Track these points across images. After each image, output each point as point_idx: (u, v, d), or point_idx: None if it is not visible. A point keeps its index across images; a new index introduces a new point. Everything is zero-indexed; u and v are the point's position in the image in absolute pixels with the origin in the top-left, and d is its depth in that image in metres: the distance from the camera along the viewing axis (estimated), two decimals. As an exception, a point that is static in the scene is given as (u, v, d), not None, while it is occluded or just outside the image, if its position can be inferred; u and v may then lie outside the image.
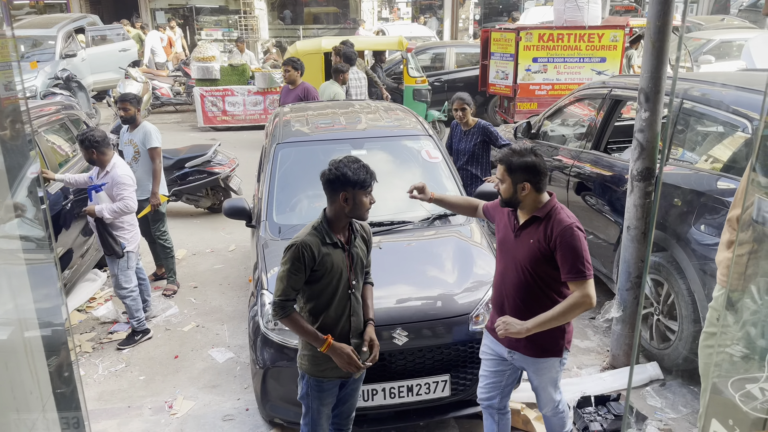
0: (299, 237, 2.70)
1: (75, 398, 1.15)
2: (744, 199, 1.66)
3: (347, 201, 2.71)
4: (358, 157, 2.79)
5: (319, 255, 2.67)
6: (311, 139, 4.72)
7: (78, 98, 12.09)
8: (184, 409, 4.04)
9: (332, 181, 2.71)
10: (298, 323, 2.73)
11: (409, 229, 4.08)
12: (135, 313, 4.80)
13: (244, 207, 4.21)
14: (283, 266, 2.68)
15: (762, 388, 1.37)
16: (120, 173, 4.65)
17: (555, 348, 2.94)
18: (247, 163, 8.14)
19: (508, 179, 2.83)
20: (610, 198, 4.87)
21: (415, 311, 3.43)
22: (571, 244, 2.71)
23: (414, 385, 3.33)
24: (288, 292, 2.69)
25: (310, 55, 9.96)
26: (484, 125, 5.48)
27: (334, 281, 2.74)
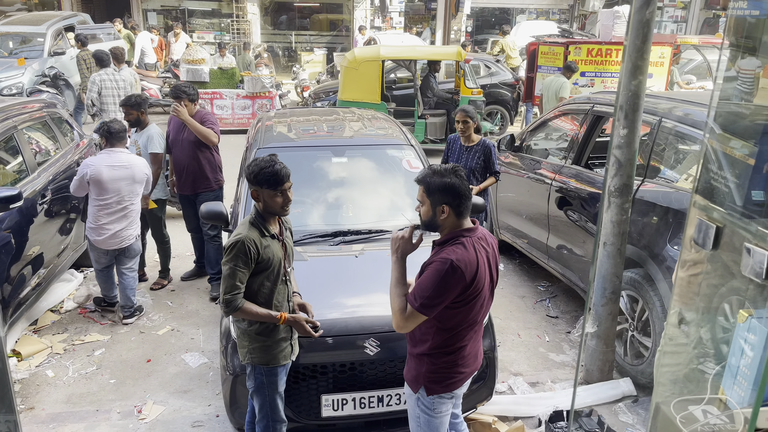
0: (241, 233, 2.83)
1: (8, 400, 1.13)
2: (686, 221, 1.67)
3: (258, 198, 2.88)
4: (275, 158, 2.90)
5: (261, 247, 2.83)
6: (292, 144, 4.70)
7: (65, 96, 12.00)
8: (154, 414, 3.98)
9: (247, 179, 2.90)
10: (251, 310, 2.84)
11: (387, 238, 4.05)
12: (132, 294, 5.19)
13: (222, 211, 4.18)
14: (229, 263, 2.79)
15: (704, 410, 1.36)
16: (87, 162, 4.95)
17: (411, 380, 2.77)
18: (233, 167, 8.09)
19: (427, 201, 2.59)
20: (589, 213, 4.89)
21: (387, 321, 3.39)
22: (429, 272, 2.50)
23: (384, 395, 3.31)
24: (236, 287, 2.80)
25: (368, 63, 9.77)
26: (489, 144, 5.31)
27: (274, 271, 2.90)
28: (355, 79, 9.82)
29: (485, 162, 5.29)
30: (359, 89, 9.79)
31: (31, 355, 4.63)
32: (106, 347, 4.78)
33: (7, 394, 1.11)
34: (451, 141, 5.46)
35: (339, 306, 3.52)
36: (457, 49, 10.56)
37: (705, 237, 1.58)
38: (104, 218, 4.85)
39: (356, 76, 9.81)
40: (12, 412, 1.13)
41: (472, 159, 5.28)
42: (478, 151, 5.27)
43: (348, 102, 9.71)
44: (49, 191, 5.15)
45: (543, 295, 5.80)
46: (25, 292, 4.63)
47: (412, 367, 2.77)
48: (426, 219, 2.63)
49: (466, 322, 2.62)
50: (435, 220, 2.60)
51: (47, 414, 3.99)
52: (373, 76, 9.76)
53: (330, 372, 3.27)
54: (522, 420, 3.90)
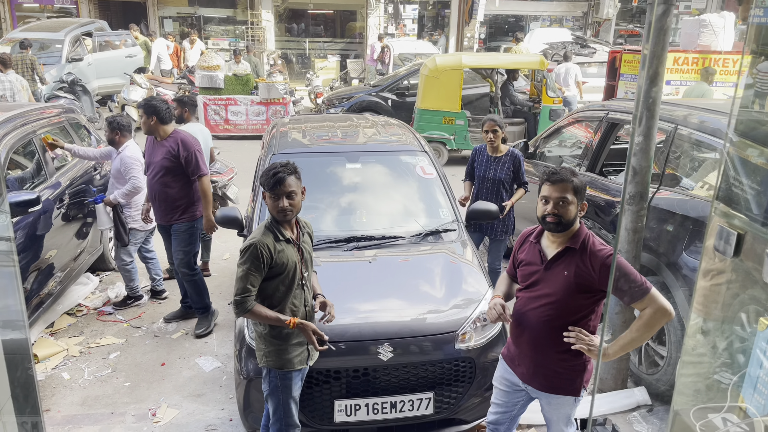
0: (255, 237, 2.87)
1: (33, 402, 1.14)
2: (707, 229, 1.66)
3: (264, 200, 2.96)
4: (286, 164, 2.95)
5: (275, 252, 2.86)
6: (307, 150, 4.74)
7: (82, 102, 12.16)
8: (168, 417, 4.01)
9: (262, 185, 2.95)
10: (261, 312, 2.87)
11: (401, 244, 4.07)
12: (129, 282, 5.44)
13: (237, 216, 4.21)
14: (242, 266, 2.83)
15: (724, 419, 1.35)
16: (127, 155, 5.15)
17: (571, 387, 2.82)
18: (246, 173, 8.14)
19: (575, 200, 2.68)
20: (604, 220, 4.87)
21: (401, 327, 3.41)
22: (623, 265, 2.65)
23: (397, 401, 3.30)
24: (248, 290, 2.83)
25: (449, 72, 9.70)
26: (518, 155, 5.08)
27: (289, 275, 2.92)
28: (436, 87, 9.75)
29: (514, 173, 5.06)
30: (439, 98, 9.74)
31: (48, 358, 4.67)
32: (121, 350, 4.82)
33: (32, 395, 1.13)
34: (477, 152, 5.20)
35: (352, 311, 3.52)
36: (539, 58, 10.46)
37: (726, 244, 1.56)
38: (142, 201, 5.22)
39: (437, 85, 9.74)
40: (37, 413, 1.15)
41: (501, 170, 5.03)
42: (506, 162, 5.04)
43: (428, 111, 9.71)
44: (67, 196, 5.22)
45: (556, 303, 5.76)
46: (42, 295, 4.69)
47: (564, 374, 2.78)
48: (570, 218, 2.69)
49: None
50: (575, 219, 2.72)
51: (63, 416, 4.02)
52: (454, 85, 9.73)
53: (343, 377, 3.28)
54: (535, 428, 3.88)
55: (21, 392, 1.06)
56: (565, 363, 2.77)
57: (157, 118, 4.72)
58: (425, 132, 9.63)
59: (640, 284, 2.60)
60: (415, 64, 13.62)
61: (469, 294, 3.69)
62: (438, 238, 4.19)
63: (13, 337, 1.10)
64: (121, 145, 5.20)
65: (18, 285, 1.20)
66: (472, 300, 3.63)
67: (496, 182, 5.02)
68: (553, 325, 2.72)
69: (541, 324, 2.74)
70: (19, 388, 1.05)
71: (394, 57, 15.77)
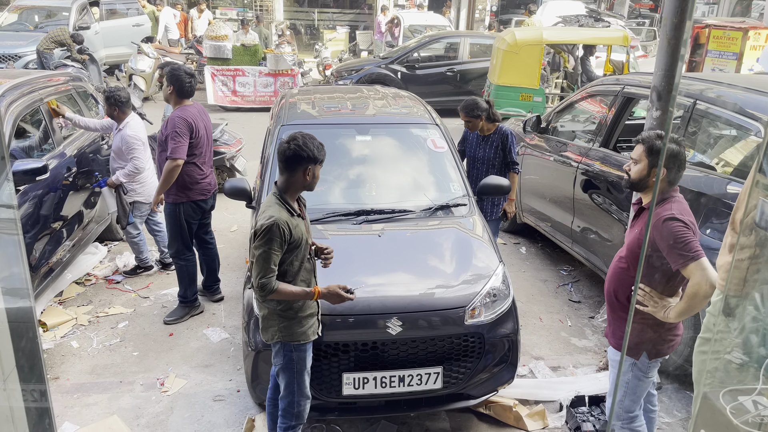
0: (272, 215, 2.79)
1: (39, 371, 1.12)
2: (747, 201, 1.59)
3: (307, 175, 2.89)
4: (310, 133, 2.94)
5: (292, 227, 2.82)
6: (316, 122, 4.67)
7: (89, 71, 12.06)
8: (176, 387, 4.02)
9: (299, 157, 2.85)
10: (287, 290, 2.83)
11: (410, 218, 4.02)
12: (138, 254, 5.53)
13: (245, 187, 4.17)
14: (263, 246, 2.76)
15: (755, 401, 1.31)
16: (129, 133, 5.04)
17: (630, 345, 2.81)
18: (254, 145, 8.09)
19: (645, 161, 2.77)
20: (616, 196, 4.80)
21: (410, 301, 3.39)
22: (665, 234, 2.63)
23: (406, 375, 3.29)
24: (270, 270, 2.78)
25: (529, 47, 9.32)
26: (507, 131, 4.85)
27: (302, 250, 2.89)
28: (515, 63, 9.39)
29: (503, 152, 4.86)
30: (518, 74, 9.39)
31: (57, 326, 4.69)
32: (129, 320, 4.83)
33: (38, 364, 1.11)
34: (467, 131, 5.02)
35: (361, 285, 3.48)
36: (623, 33, 10.17)
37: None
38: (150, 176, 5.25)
39: (516, 60, 9.38)
40: (42, 382, 1.13)
41: (490, 149, 4.85)
42: (495, 141, 4.83)
43: (505, 87, 9.40)
44: (74, 164, 5.19)
45: (565, 280, 5.73)
46: (51, 264, 4.69)
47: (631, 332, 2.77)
48: (636, 177, 2.79)
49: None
50: (646, 181, 2.78)
51: (72, 384, 4.05)
52: (534, 61, 9.35)
53: (352, 351, 3.26)
54: (543, 404, 3.88)
55: (26, 362, 1.04)
56: None
57: (174, 88, 4.55)
58: (501, 108, 9.32)
59: (687, 251, 2.58)
60: (425, 36, 13.43)
61: (479, 269, 3.65)
62: (448, 212, 4.14)
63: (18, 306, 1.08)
64: (121, 121, 5.07)
65: (22, 253, 1.16)
66: (482, 275, 3.59)
67: (486, 162, 4.87)
68: (622, 281, 2.80)
69: (612, 280, 2.84)
70: (24, 358, 1.03)
71: (404, 29, 15.53)
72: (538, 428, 3.71)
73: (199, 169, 4.68)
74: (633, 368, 2.83)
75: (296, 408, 3.01)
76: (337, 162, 4.38)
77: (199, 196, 4.72)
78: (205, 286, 5.16)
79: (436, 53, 12.75)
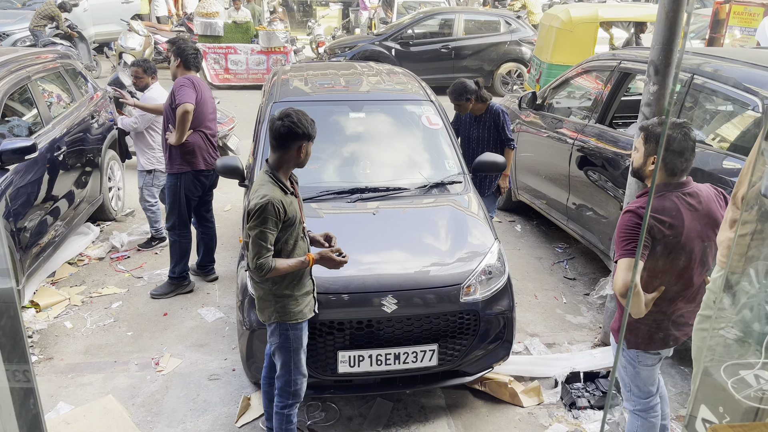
0: (266, 194, 2.74)
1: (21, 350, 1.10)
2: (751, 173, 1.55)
3: (300, 152, 2.85)
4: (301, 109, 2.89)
5: (286, 205, 2.78)
6: (309, 99, 4.60)
7: (78, 49, 11.89)
8: (171, 366, 4.01)
9: (293, 134, 2.79)
10: (284, 265, 2.80)
11: (405, 196, 3.99)
12: (154, 223, 5.62)
13: (237, 165, 4.12)
14: (258, 227, 2.72)
15: (757, 375, 1.30)
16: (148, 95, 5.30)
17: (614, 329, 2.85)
18: (247, 123, 8.01)
19: (642, 148, 2.71)
20: (612, 173, 4.77)
21: (405, 279, 3.37)
22: (619, 225, 2.61)
23: (401, 353, 3.28)
24: (266, 249, 2.75)
25: (584, 25, 9.05)
26: (498, 110, 4.79)
27: (296, 228, 2.86)
28: (569, 41, 9.13)
29: (497, 130, 4.81)
30: (572, 52, 9.05)
31: (50, 307, 4.66)
32: (123, 300, 4.81)
33: (20, 343, 1.08)
34: None
35: (356, 263, 3.46)
36: None
37: None
38: None
39: (570, 39, 9.13)
40: (26, 361, 1.10)
41: (483, 129, 4.81)
42: (487, 120, 4.79)
43: (559, 66, 9.07)
44: (65, 143, 5.11)
45: (560, 257, 5.73)
46: (42, 244, 4.65)
47: (617, 318, 2.89)
48: (635, 166, 2.76)
49: (672, 280, 2.61)
50: (643, 170, 2.71)
51: (66, 364, 4.03)
52: (589, 39, 9.08)
53: (347, 329, 3.25)
54: (538, 380, 3.89)
55: (8, 341, 1.01)
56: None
57: (181, 60, 4.64)
58: None
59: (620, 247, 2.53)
60: (419, 12, 13.27)
61: (474, 247, 3.63)
62: (443, 190, 4.11)
63: (-2, 284, 1.05)
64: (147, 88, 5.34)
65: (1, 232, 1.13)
66: (478, 253, 3.57)
67: (481, 142, 4.82)
68: None
69: None
70: (5, 337, 1.00)
71: (398, 5, 15.33)
72: (533, 404, 3.72)
73: (205, 140, 4.70)
74: (623, 353, 2.83)
75: (293, 387, 3.00)
76: (331, 139, 4.33)
77: (202, 165, 4.70)
78: (200, 265, 5.13)
79: (431, 30, 12.61)
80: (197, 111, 4.53)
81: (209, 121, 4.73)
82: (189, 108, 4.44)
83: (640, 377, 2.83)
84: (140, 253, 5.59)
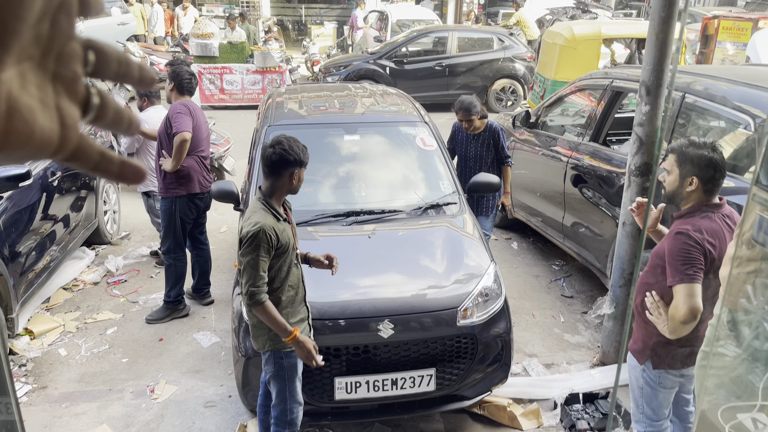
0: (258, 221, 2.74)
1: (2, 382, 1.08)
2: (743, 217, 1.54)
3: (292, 179, 2.83)
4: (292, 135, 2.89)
5: (279, 232, 2.76)
6: (304, 122, 4.61)
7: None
8: (166, 393, 3.97)
9: (284, 161, 2.78)
10: (271, 313, 2.74)
11: (400, 218, 3.98)
12: None
13: (232, 190, 4.11)
14: (250, 254, 2.71)
15: (754, 419, 1.28)
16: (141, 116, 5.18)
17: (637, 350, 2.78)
18: (242, 143, 8.03)
19: (676, 171, 2.59)
20: (607, 191, 4.78)
21: (402, 303, 3.35)
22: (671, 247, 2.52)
23: (399, 378, 3.26)
24: (260, 277, 2.72)
25: (587, 41, 9.13)
26: (497, 128, 4.77)
27: (289, 255, 2.84)
28: (573, 58, 9.24)
29: (495, 148, 4.78)
30: (576, 69, 8.98)
31: (44, 334, 4.62)
32: (118, 326, 4.77)
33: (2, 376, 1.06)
34: (457, 129, 4.89)
35: (352, 287, 3.45)
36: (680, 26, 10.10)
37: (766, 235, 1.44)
38: None
39: (573, 55, 9.24)
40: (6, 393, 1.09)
41: (481, 147, 4.76)
42: (485, 138, 4.75)
43: (563, 82, 9.14)
44: (59, 168, 5.10)
45: (557, 275, 5.72)
46: (37, 270, 4.62)
47: (639, 338, 2.78)
48: (670, 189, 2.64)
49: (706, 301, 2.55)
50: (680, 192, 2.61)
51: (60, 393, 3.99)
52: (592, 56, 9.19)
53: (343, 355, 3.22)
54: (537, 402, 3.86)
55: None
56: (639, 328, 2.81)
57: (175, 84, 4.61)
58: None
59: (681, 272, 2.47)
60: (413, 31, 13.35)
61: (470, 268, 3.62)
62: (439, 211, 4.10)
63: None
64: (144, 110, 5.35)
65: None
66: (474, 275, 3.56)
67: (479, 160, 4.78)
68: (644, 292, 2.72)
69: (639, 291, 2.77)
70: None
71: (392, 23, 15.44)
72: (532, 427, 3.69)
73: (199, 163, 4.71)
74: (643, 374, 2.78)
75: (289, 415, 2.97)
76: (326, 162, 4.33)
77: (197, 188, 4.70)
78: (195, 288, 5.11)
79: (425, 48, 12.69)
80: (193, 137, 4.54)
81: (204, 145, 4.75)
82: (187, 137, 4.45)
83: (657, 399, 2.80)
84: (139, 275, 5.54)
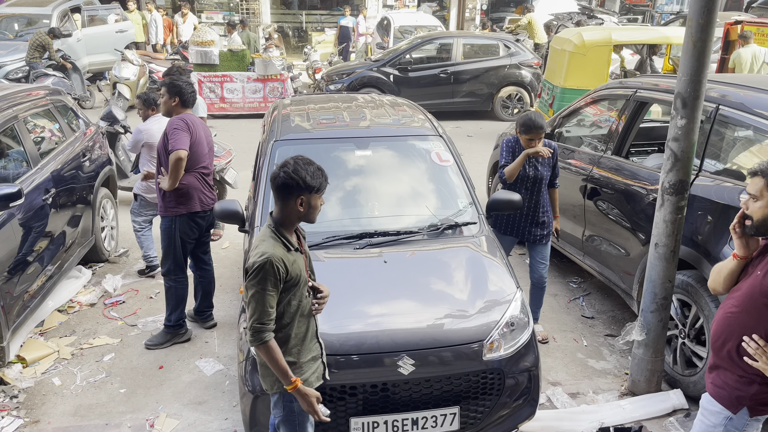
0: (265, 251, 2.48)
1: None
2: None
3: (302, 205, 2.57)
4: (310, 158, 2.62)
5: (289, 264, 2.50)
6: (312, 136, 4.35)
7: (72, 80, 11.68)
8: (167, 428, 3.71)
9: (288, 186, 2.53)
10: (274, 355, 2.49)
11: (417, 240, 3.72)
12: (145, 251, 5.52)
13: (237, 210, 3.86)
14: (257, 286, 2.45)
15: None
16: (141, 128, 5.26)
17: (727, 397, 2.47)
18: (244, 154, 7.79)
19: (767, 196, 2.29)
20: (632, 208, 4.52)
21: (423, 336, 3.09)
22: None
23: (420, 417, 3.00)
24: (267, 313, 2.47)
25: (598, 48, 8.91)
26: (554, 147, 4.38)
27: (300, 289, 2.58)
28: (583, 65, 9.00)
29: (552, 168, 4.39)
30: (586, 76, 8.92)
31: (37, 361, 4.36)
32: (116, 351, 4.51)
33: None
34: (512, 142, 4.33)
35: (367, 318, 3.20)
36: None
37: None
38: None
39: (584, 62, 8.99)
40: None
41: (543, 166, 4.30)
42: (552, 156, 4.34)
43: (573, 90, 8.92)
44: (53, 185, 4.85)
45: (576, 293, 5.46)
46: (31, 292, 4.37)
47: (726, 383, 2.47)
48: (759, 218, 2.31)
49: None
50: None
51: (53, 428, 3.72)
52: (602, 62, 8.96)
53: (360, 393, 2.96)
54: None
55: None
56: None
57: (180, 99, 4.32)
58: None
59: None
60: (417, 37, 13.12)
61: (495, 295, 3.36)
62: (458, 232, 3.84)
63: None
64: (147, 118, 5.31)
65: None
66: (499, 302, 3.31)
67: (538, 181, 4.30)
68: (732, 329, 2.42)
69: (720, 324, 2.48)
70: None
71: (394, 30, 15.22)
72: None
73: (200, 180, 4.43)
74: (728, 423, 2.48)
75: None
76: (337, 179, 4.07)
77: (198, 207, 4.42)
78: (198, 311, 4.84)
79: (429, 55, 12.46)
80: (191, 152, 4.27)
81: (205, 160, 4.47)
82: (183, 155, 4.17)
83: None
84: (138, 295, 5.28)
